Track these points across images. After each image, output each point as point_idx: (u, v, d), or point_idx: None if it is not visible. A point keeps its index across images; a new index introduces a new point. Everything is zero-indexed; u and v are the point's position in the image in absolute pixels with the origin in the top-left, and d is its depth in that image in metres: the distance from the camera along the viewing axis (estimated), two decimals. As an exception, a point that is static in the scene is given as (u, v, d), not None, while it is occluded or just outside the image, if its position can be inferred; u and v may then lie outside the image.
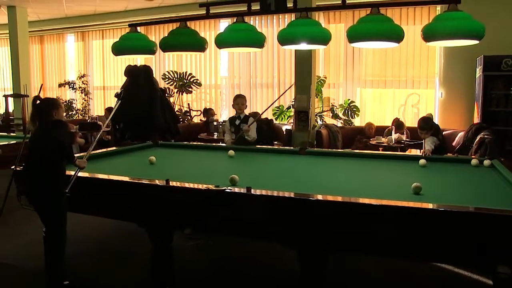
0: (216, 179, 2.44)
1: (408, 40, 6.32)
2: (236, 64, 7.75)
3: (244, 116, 4.01)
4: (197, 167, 3.11)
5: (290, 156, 3.50)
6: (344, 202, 1.96)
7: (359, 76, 6.94)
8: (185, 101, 7.97)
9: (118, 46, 3.57)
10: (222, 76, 8.13)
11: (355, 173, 2.85)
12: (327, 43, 3.15)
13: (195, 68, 8.04)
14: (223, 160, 3.49)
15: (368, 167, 3.05)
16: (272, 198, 2.07)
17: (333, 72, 7.10)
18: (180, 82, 7.53)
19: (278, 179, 2.64)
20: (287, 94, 7.34)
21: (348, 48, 6.85)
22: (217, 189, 2.15)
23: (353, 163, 3.20)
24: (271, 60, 7.45)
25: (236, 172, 2.43)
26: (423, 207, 1.87)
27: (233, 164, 3.24)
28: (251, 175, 2.78)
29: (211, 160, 3.48)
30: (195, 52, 3.58)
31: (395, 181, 2.59)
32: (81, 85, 8.89)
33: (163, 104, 5.03)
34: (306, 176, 2.77)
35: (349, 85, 7.01)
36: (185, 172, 2.89)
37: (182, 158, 3.53)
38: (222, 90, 8.17)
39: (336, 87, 7.13)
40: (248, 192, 2.11)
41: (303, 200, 2.01)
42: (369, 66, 6.87)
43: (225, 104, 8.20)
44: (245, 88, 7.72)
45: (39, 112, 2.45)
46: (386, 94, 6.85)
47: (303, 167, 3.11)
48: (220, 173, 2.78)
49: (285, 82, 7.38)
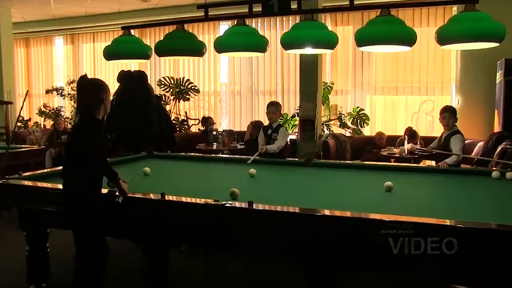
0: (216, 193, 2.45)
1: (422, 43, 6.34)
2: (237, 69, 7.81)
3: (277, 126, 4.07)
4: (195, 180, 3.12)
5: (295, 168, 3.51)
6: (354, 217, 1.96)
7: (369, 82, 6.98)
8: (182, 109, 8.01)
9: (110, 50, 3.61)
10: (221, 83, 8.18)
11: (365, 186, 2.86)
12: (334, 47, 3.19)
13: (192, 74, 8.10)
14: (223, 172, 3.52)
15: (379, 180, 3.05)
16: (275, 214, 2.08)
17: (340, 78, 7.14)
18: (177, 89, 7.58)
19: (282, 193, 2.65)
20: (292, 101, 7.41)
21: (356, 52, 6.90)
22: (217, 203, 2.16)
23: (363, 175, 3.21)
24: (274, 65, 7.51)
25: (237, 186, 2.44)
26: (439, 223, 1.86)
27: (232, 177, 3.26)
28: (252, 188, 2.79)
29: (210, 173, 3.49)
30: (193, 57, 3.62)
31: (409, 195, 2.60)
32: (70, 92, 8.83)
33: (158, 112, 5.07)
34: (312, 190, 2.78)
35: (358, 91, 7.04)
36: (182, 185, 2.90)
37: (179, 170, 3.55)
38: (222, 97, 8.21)
39: (344, 94, 7.16)
40: (250, 207, 2.11)
41: (309, 215, 2.02)
42: (379, 71, 6.92)
43: (225, 113, 8.26)
44: (246, 95, 7.77)
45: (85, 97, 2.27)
46: (398, 101, 6.89)
47: (308, 180, 3.12)
48: (219, 187, 2.80)
49: (289, 89, 7.43)
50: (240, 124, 7.83)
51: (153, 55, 3.71)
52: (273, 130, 4.05)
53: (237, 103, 7.92)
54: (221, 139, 5.89)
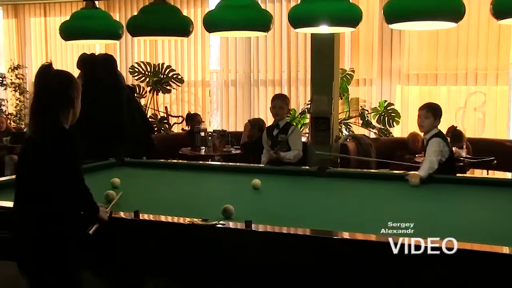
0: (204, 210, 2.47)
1: (470, 18, 6.30)
2: (231, 53, 7.84)
3: (285, 124, 4.10)
4: (178, 194, 3.14)
5: (305, 179, 3.52)
6: (381, 242, 1.96)
7: (400, 69, 7.01)
8: (161, 104, 8.03)
9: (68, 27, 3.63)
10: (212, 70, 8.20)
11: (394, 202, 2.86)
12: (356, 24, 3.20)
13: (175, 59, 8.13)
14: (214, 184, 3.55)
15: (413, 194, 3.06)
16: (280, 237, 2.09)
17: (363, 64, 7.17)
18: (155, 78, 7.60)
19: (288, 210, 2.67)
20: (301, 94, 7.43)
21: (385, 30, 6.93)
22: (206, 224, 2.16)
23: (391, 188, 3.21)
24: (278, 48, 7.54)
25: (231, 201, 2.45)
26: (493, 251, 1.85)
27: (226, 190, 3.28)
28: (251, 204, 2.81)
29: (198, 185, 3.51)
30: (176, 38, 3.64)
31: (450, 212, 2.61)
32: (14, 80, 8.58)
33: (131, 107, 5.08)
34: (327, 206, 2.79)
35: (386, 81, 7.07)
36: (161, 200, 2.91)
37: (157, 182, 3.57)
38: (212, 88, 8.23)
39: (368, 84, 7.19)
40: (247, 228, 2.12)
41: (324, 239, 2.03)
42: (413, 55, 6.94)
43: (216, 108, 8.27)
44: (243, 87, 7.81)
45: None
46: (437, 93, 6.90)
47: (323, 194, 3.13)
48: (209, 202, 2.81)
49: (298, 78, 7.46)
50: (235, 123, 7.85)
51: (125, 34, 3.72)
52: (281, 130, 4.07)
53: (231, 96, 7.94)
54: (211, 142, 5.90)
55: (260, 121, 6.14)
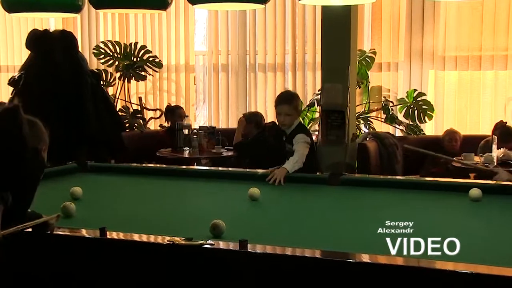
0: (188, 226, 2.48)
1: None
2: (222, 32, 7.83)
3: (292, 131, 4.07)
4: (155, 207, 3.14)
5: (314, 188, 3.53)
6: (410, 267, 1.98)
7: (433, 50, 7.00)
8: (134, 94, 8.02)
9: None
10: (197, 52, 8.21)
11: (427, 217, 2.86)
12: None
13: (151, 39, 8.12)
14: (200, 194, 3.56)
15: (451, 207, 3.08)
16: (283, 260, 2.09)
17: (387, 44, 7.16)
18: (126, 61, 7.58)
19: (292, 227, 2.67)
20: (309, 82, 7.38)
21: (415, 2, 6.94)
22: (190, 244, 2.17)
23: (423, 200, 3.21)
24: (281, 24, 7.53)
25: (222, 216, 2.46)
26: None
27: (216, 201, 3.29)
28: (246, 219, 2.82)
29: (180, 194, 3.53)
30: (152, 11, 3.64)
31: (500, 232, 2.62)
32: None
33: (95, 98, 5.08)
34: (341, 221, 2.80)
35: (416, 65, 7.07)
36: (134, 215, 2.92)
37: (129, 191, 3.58)
38: (198, 75, 8.21)
39: (393, 69, 7.17)
40: (242, 249, 2.12)
41: (337, 263, 2.03)
42: (451, 32, 6.92)
43: (202, 100, 8.25)
44: (236, 73, 7.80)
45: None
46: (481, 80, 6.89)
47: (336, 207, 3.15)
48: (194, 217, 2.81)
49: (305, 62, 7.46)
50: (227, 118, 7.86)
51: (87, 6, 3.72)
52: (288, 138, 4.06)
53: (222, 84, 7.94)
54: (197, 141, 5.90)
55: (258, 115, 6.14)
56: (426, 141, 6.41)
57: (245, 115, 6.24)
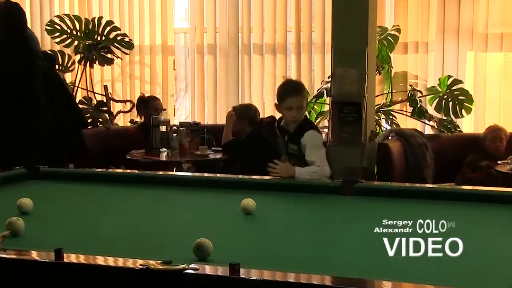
0: (167, 247, 2.49)
1: None
2: (209, 5, 7.86)
3: (298, 127, 4.16)
4: (125, 222, 3.15)
5: (322, 199, 3.55)
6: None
7: (472, 27, 7.04)
8: (98, 81, 8.04)
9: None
10: (178, 30, 8.28)
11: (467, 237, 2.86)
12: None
13: (119, 13, 8.14)
14: (181, 207, 3.60)
15: (496, 225, 3.09)
16: (282, 287, 2.10)
17: (414, 19, 7.20)
18: (88, 41, 7.59)
19: (294, 247, 2.67)
20: (316, 67, 7.35)
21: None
22: (168, 268, 2.17)
23: (460, 215, 3.21)
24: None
25: (209, 234, 2.46)
26: None
27: (201, 216, 3.30)
28: (239, 238, 2.83)
29: (156, 207, 3.53)
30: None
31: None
32: None
33: (49, 88, 5.08)
34: (354, 242, 2.80)
35: (450, 45, 7.10)
36: (98, 232, 2.91)
37: (92, 203, 3.58)
38: (179, 58, 8.27)
39: (422, 50, 7.21)
40: (233, 275, 2.12)
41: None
42: (494, 4, 6.94)
43: (184, 89, 8.24)
44: (227, 55, 7.82)
45: None
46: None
47: (348, 223, 3.15)
48: (174, 235, 2.83)
49: (312, 42, 7.50)
50: (214, 112, 7.90)
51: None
52: (291, 136, 4.14)
53: (208, 70, 7.97)
54: (177, 140, 5.95)
55: (252, 109, 6.15)
56: (463, 140, 6.47)
57: (236, 109, 6.25)
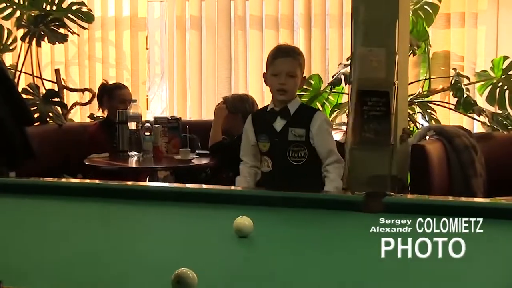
0: (138, 279, 2.49)
1: None
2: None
3: (299, 108, 4.35)
4: (83, 247, 3.13)
5: (340, 217, 3.57)
6: None
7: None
8: (47, 64, 8.12)
9: None
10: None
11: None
12: None
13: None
14: (155, 228, 3.61)
15: None
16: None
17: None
18: (33, 10, 7.58)
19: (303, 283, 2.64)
20: (333, 45, 7.33)
21: None
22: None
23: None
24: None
25: (191, 263, 2.44)
26: None
27: (182, 240, 3.31)
28: (231, 268, 2.82)
29: (124, 228, 3.56)
30: None
31: None
32: None
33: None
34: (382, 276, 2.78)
35: (507, 17, 7.12)
36: (48, 260, 2.90)
37: (39, 223, 3.59)
38: (153, 34, 8.33)
39: (470, 24, 7.25)
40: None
41: None
42: None
43: (160, 74, 8.27)
44: (215, 30, 7.85)
45: None
46: None
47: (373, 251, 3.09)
48: (147, 264, 2.81)
49: (326, 14, 7.48)
50: (199, 104, 7.95)
51: None
52: (291, 118, 4.26)
53: (191, 49, 8.06)
54: (151, 141, 5.95)
55: (247, 100, 6.16)
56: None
57: (227, 101, 6.25)
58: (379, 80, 5.33)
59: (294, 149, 4.23)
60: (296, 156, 4.14)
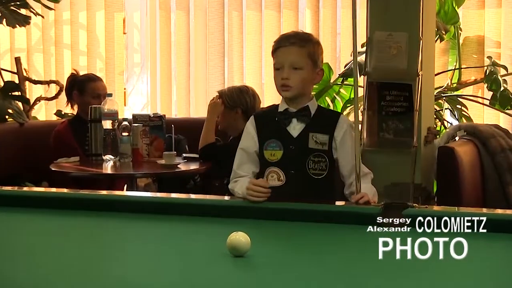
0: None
1: None
2: None
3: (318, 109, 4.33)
4: (49, 268, 3.17)
5: (354, 232, 3.59)
6: None
7: None
8: (5, 52, 8.21)
9: None
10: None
11: None
12: None
13: None
14: (137, 245, 3.62)
15: None
16: None
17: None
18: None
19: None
20: (343, 29, 7.34)
21: None
22: None
23: None
24: None
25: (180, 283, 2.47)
26: None
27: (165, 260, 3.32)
28: None
29: (97, 246, 3.58)
30: None
31: None
32: None
33: None
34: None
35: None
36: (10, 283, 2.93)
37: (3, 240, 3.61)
38: (131, 15, 8.38)
39: (508, 4, 7.29)
40: None
41: None
42: None
43: (141, 63, 8.29)
44: (207, 10, 7.85)
45: None
46: None
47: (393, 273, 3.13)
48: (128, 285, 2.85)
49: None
50: (187, 99, 7.98)
51: None
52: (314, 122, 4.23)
53: (177, 34, 8.09)
54: (129, 143, 6.02)
55: (247, 93, 6.16)
56: None
57: (223, 94, 6.26)
58: (399, 70, 5.35)
59: (314, 159, 4.15)
60: (317, 168, 4.10)
